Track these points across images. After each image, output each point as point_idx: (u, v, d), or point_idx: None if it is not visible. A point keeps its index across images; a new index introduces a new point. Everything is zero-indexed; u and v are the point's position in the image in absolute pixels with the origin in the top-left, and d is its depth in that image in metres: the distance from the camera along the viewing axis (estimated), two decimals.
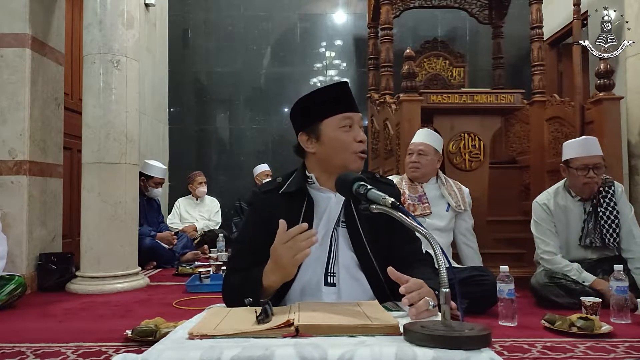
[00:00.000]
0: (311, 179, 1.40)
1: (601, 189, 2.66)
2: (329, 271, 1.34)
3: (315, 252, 1.34)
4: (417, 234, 1.24)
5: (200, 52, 5.95)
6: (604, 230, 2.62)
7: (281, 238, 1.17)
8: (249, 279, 1.26)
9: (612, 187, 2.67)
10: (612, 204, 2.63)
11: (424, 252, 1.45)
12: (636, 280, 2.51)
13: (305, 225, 1.16)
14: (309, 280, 1.34)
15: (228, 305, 1.32)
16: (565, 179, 2.78)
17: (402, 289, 1.09)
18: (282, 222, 1.18)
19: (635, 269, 2.56)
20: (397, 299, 1.38)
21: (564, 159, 2.71)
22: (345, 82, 1.41)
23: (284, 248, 1.15)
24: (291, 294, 1.35)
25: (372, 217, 1.28)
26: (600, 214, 2.63)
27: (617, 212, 2.62)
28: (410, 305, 1.08)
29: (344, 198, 1.37)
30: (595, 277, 2.52)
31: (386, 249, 1.38)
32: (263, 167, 5.40)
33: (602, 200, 2.65)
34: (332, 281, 1.34)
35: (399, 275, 1.12)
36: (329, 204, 1.38)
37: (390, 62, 4.21)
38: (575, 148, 2.66)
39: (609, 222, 2.61)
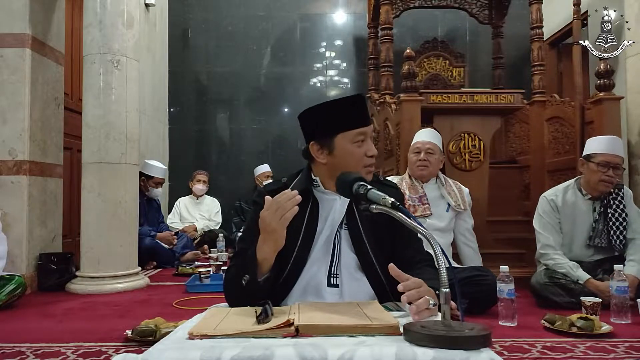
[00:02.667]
0: (316, 181, 1.41)
1: (612, 190, 2.64)
2: (332, 272, 1.36)
3: (319, 253, 1.36)
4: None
5: (200, 52, 5.94)
6: (612, 232, 2.61)
7: (268, 206, 1.21)
8: (245, 258, 1.29)
9: (622, 190, 2.67)
10: (621, 206, 2.63)
11: (424, 251, 1.45)
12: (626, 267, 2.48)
13: (285, 190, 1.22)
14: (311, 281, 1.35)
15: (228, 296, 1.34)
16: (576, 177, 2.78)
17: (400, 287, 1.10)
18: (267, 198, 1.22)
19: (628, 261, 2.54)
20: (398, 299, 1.39)
21: (585, 153, 2.69)
22: (361, 95, 1.41)
23: (271, 213, 1.20)
24: (294, 294, 1.36)
25: (375, 220, 1.29)
26: (610, 215, 2.63)
27: (626, 215, 2.62)
28: (409, 303, 1.08)
29: (347, 200, 1.38)
30: (589, 276, 2.52)
31: (389, 251, 1.40)
32: (264, 168, 5.40)
33: (612, 202, 2.64)
34: (335, 282, 1.35)
35: (398, 273, 1.13)
36: (334, 206, 1.40)
37: (390, 62, 4.21)
38: (601, 144, 2.64)
39: (617, 224, 2.61)
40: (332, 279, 1.35)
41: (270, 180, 1.58)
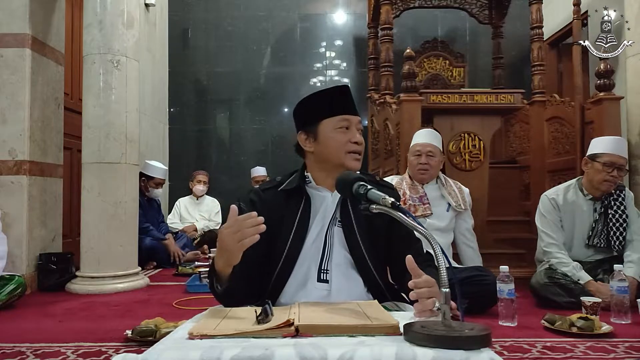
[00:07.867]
0: (308, 178, 1.44)
1: (613, 191, 2.65)
2: (322, 268, 1.37)
3: (310, 249, 1.38)
4: (417, 233, 1.24)
5: (200, 52, 5.95)
6: (611, 233, 2.62)
7: (229, 224, 1.16)
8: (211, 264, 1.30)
9: (624, 192, 2.68)
10: (622, 207, 2.64)
11: (424, 252, 1.45)
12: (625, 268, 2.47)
13: (254, 214, 1.15)
14: (303, 276, 1.37)
15: (216, 298, 1.34)
16: (577, 177, 2.78)
17: (411, 284, 1.09)
18: (233, 208, 1.18)
19: (627, 262, 2.55)
20: (395, 299, 1.39)
21: (590, 152, 2.69)
22: (346, 85, 1.45)
23: (230, 234, 1.15)
24: (287, 289, 1.38)
25: (371, 219, 1.29)
26: (610, 215, 2.63)
27: (627, 217, 2.63)
28: (416, 301, 1.08)
29: (340, 197, 1.40)
30: (590, 278, 2.52)
31: (383, 251, 1.41)
32: (259, 172, 5.38)
33: (613, 203, 2.65)
34: (324, 278, 1.36)
35: (414, 266, 1.11)
36: (325, 202, 1.42)
37: (390, 62, 4.21)
38: (607, 144, 2.65)
39: (617, 225, 2.62)
40: (322, 274, 1.36)
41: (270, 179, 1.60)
